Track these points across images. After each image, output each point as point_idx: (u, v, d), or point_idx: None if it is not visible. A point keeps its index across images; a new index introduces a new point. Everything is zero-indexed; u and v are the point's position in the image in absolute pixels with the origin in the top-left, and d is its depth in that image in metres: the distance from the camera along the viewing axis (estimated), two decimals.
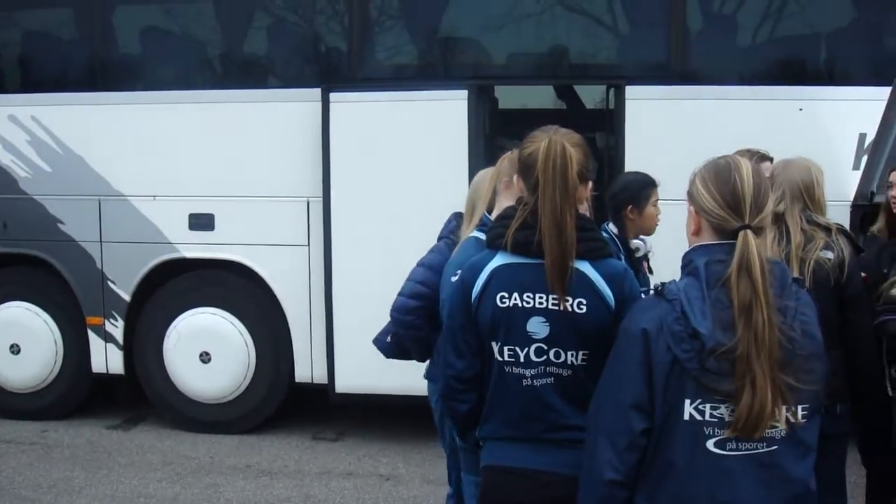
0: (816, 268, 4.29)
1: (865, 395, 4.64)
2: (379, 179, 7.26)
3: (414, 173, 7.16)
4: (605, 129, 8.05)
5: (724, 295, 2.68)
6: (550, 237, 3.05)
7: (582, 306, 3.09)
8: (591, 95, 9.49)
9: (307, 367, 7.72)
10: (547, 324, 3.11)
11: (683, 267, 2.84)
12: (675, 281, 2.80)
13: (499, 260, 3.18)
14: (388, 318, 4.93)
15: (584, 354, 3.11)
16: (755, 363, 2.60)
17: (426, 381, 5.02)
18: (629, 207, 4.95)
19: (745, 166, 2.80)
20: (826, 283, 4.30)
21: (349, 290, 7.32)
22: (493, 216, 3.81)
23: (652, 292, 2.82)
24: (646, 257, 5.13)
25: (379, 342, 5.21)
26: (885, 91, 6.03)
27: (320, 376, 7.65)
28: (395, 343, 5.05)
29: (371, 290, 6.62)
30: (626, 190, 5.03)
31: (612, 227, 4.96)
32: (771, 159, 5.21)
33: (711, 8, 7.48)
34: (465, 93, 7.16)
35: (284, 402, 8.02)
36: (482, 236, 3.50)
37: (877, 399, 4.60)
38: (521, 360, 3.14)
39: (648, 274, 5.14)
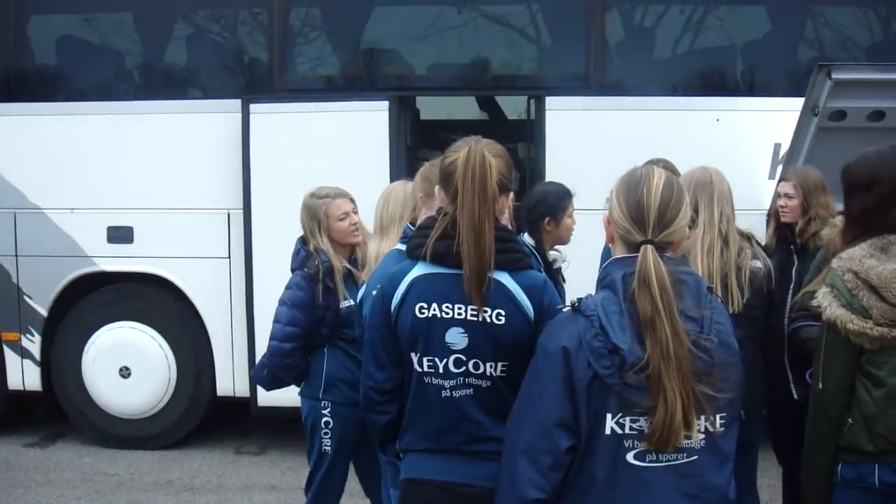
0: (752, 276, 4.38)
1: (780, 399, 4.77)
2: (300, 191, 7.17)
3: (335, 184, 7.09)
4: (526, 140, 8.10)
5: (636, 309, 2.68)
6: (468, 246, 3.04)
7: (501, 317, 3.08)
8: (514, 106, 9.53)
9: (229, 381, 7.65)
10: (465, 335, 3.09)
11: (600, 280, 2.82)
12: (591, 295, 2.78)
13: (418, 270, 3.16)
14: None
15: (503, 366, 3.10)
16: (664, 377, 2.60)
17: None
18: (547, 220, 4.98)
19: (657, 180, 2.77)
20: (761, 292, 4.42)
21: (270, 302, 7.16)
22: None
23: (569, 308, 2.80)
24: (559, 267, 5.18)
25: (258, 377, 5.34)
26: (799, 101, 6.13)
27: (242, 390, 7.58)
28: (271, 378, 5.15)
29: None
30: (543, 202, 5.05)
31: (528, 239, 4.98)
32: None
33: (630, 20, 7.58)
34: (385, 104, 7.17)
35: (206, 416, 7.93)
36: (405, 248, 3.47)
37: (789, 402, 4.72)
38: (440, 371, 3.12)
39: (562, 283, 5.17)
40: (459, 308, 3.09)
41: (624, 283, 2.71)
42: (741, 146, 6.95)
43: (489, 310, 3.07)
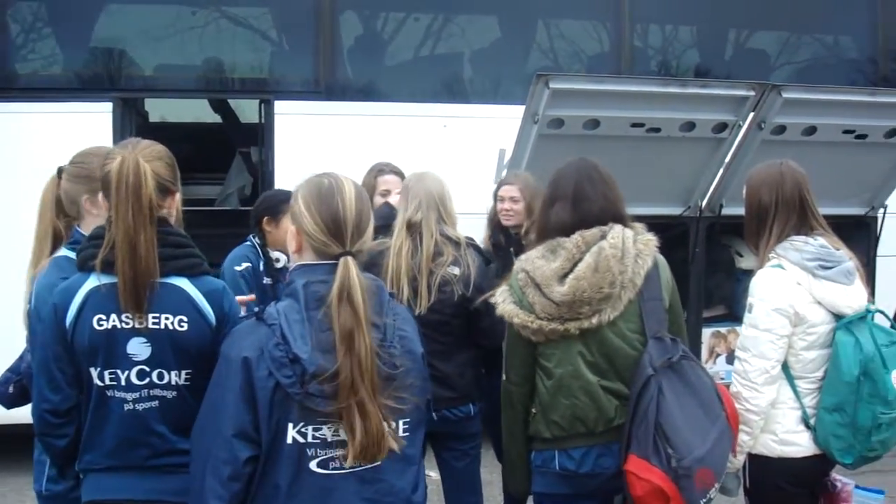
0: (442, 283, 4.48)
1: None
2: (17, 198, 6.86)
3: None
4: (258, 144, 8.06)
5: (324, 317, 2.67)
6: (123, 257, 2.97)
7: (183, 323, 3.04)
8: (250, 109, 9.46)
9: None
10: (148, 344, 3.03)
11: (285, 287, 2.82)
12: (274, 304, 2.77)
13: (92, 282, 3.05)
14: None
15: (187, 374, 3.06)
16: (361, 389, 2.62)
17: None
18: (266, 219, 5.04)
19: (349, 190, 2.78)
20: (450, 299, 4.50)
21: None
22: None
23: (253, 317, 2.78)
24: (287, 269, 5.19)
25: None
26: (522, 109, 6.34)
27: None
28: (18, 393, 4.75)
29: None
30: (264, 202, 5.15)
31: (255, 239, 5.06)
32: (399, 173, 5.38)
33: (361, 26, 7.66)
34: (109, 105, 6.97)
35: None
36: (73, 255, 3.32)
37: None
38: (123, 383, 3.04)
39: None
40: (140, 317, 3.02)
41: (306, 290, 2.71)
42: (467, 152, 7.15)
43: (171, 316, 3.03)
